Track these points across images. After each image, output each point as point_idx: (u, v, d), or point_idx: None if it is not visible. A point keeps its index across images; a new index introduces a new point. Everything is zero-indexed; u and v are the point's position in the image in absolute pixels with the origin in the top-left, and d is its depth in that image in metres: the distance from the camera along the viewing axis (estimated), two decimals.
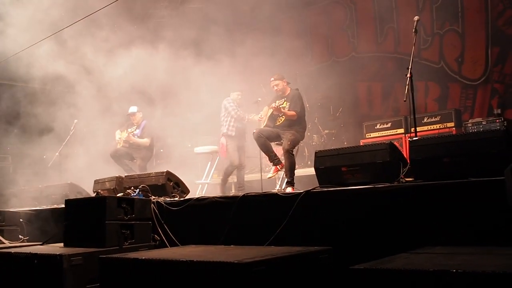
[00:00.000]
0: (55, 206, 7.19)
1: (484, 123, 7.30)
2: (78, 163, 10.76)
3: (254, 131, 6.50)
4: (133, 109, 8.78)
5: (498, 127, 7.08)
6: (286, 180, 6.32)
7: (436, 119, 7.78)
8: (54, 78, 10.39)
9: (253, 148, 8.66)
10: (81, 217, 4.63)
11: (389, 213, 3.72)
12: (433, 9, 9.15)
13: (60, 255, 3.75)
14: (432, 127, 7.75)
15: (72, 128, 9.23)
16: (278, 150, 7.08)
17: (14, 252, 4.20)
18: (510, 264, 2.17)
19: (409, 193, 3.70)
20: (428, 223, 3.50)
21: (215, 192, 9.48)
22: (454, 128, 7.55)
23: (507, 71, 8.17)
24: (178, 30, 10.11)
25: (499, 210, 3.07)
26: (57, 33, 8.97)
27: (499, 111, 7.62)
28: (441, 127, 7.66)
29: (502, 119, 7.27)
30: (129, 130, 8.68)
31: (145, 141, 8.63)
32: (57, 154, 9.11)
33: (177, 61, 9.81)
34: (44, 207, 7.42)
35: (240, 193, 6.98)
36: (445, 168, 3.84)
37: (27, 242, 5.97)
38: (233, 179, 9.65)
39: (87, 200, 5.45)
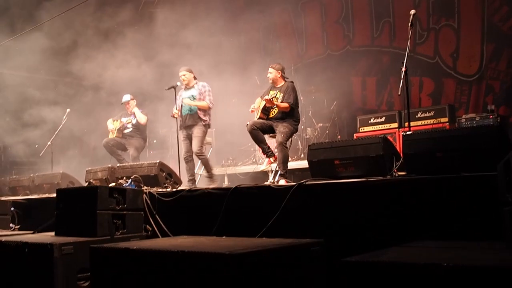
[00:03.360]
0: (47, 195, 7.17)
1: (477, 119, 7.31)
2: (70, 152, 10.75)
3: (248, 123, 6.48)
4: (126, 97, 8.70)
5: (492, 123, 7.10)
6: (279, 172, 6.31)
7: (430, 114, 7.78)
8: (47, 66, 10.38)
9: (247, 140, 8.66)
10: (72, 206, 4.60)
11: (381, 206, 3.72)
12: (430, 3, 9.13)
13: (51, 244, 3.73)
14: (425, 122, 7.75)
15: (64, 117, 9.16)
16: (272, 143, 7.07)
17: (4, 241, 4.18)
18: (501, 259, 2.18)
19: (402, 187, 3.70)
20: (420, 217, 3.51)
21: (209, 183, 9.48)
22: (447, 124, 7.55)
23: (501, 68, 8.18)
24: (173, 19, 10.08)
25: (491, 205, 3.07)
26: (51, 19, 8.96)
27: (493, 107, 7.63)
28: (434, 122, 7.66)
29: (496, 115, 7.28)
30: (123, 120, 8.60)
31: (143, 120, 8.52)
32: (49, 143, 9.04)
33: (169, 51, 9.81)
34: (36, 196, 7.39)
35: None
36: (438, 163, 3.85)
37: (18, 230, 5.95)
38: (226, 170, 9.66)
39: (78, 190, 5.43)
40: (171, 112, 7.55)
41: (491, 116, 7.24)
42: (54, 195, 5.06)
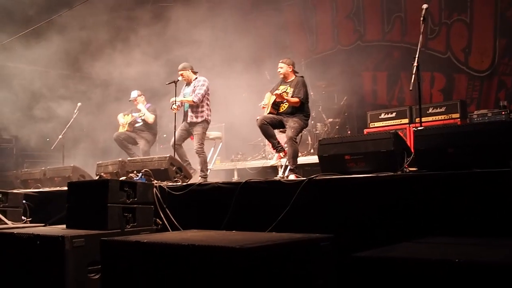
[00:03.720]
0: (58, 188, 7.23)
1: (489, 114, 7.24)
2: (81, 146, 10.82)
3: (258, 118, 6.47)
4: (134, 94, 8.73)
5: (504, 119, 7.03)
6: (289, 167, 6.30)
7: (441, 109, 7.72)
8: (57, 61, 10.45)
9: (256, 135, 8.66)
10: (83, 199, 4.64)
11: (391, 202, 3.70)
12: None
13: (62, 237, 3.76)
14: (437, 117, 7.69)
15: (75, 111, 9.20)
16: (282, 138, 7.07)
17: (16, 233, 4.21)
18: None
19: (412, 183, 3.68)
20: (430, 213, 3.49)
21: (218, 177, 9.49)
22: (459, 119, 7.49)
23: None
24: (185, 15, 10.10)
25: (503, 201, 3.05)
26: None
27: (505, 103, 7.55)
28: (446, 118, 7.60)
29: (508, 111, 7.21)
30: (134, 114, 8.65)
31: (150, 116, 8.53)
32: (60, 137, 9.10)
33: (180, 47, 9.82)
34: (47, 189, 7.46)
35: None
36: (449, 159, 3.82)
37: (30, 223, 6.00)
38: (236, 165, 9.66)
39: (89, 183, 5.47)
40: (170, 106, 7.64)
41: (503, 112, 7.17)
42: (65, 188, 5.10)
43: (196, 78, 7.50)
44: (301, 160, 7.72)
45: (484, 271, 1.90)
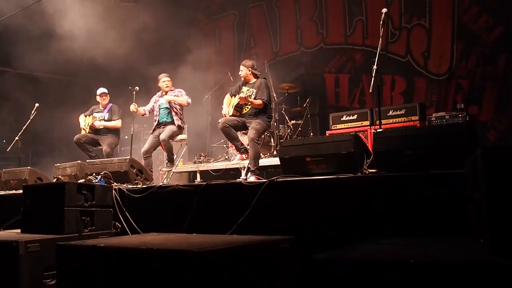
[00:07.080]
0: (14, 191, 7.01)
1: (447, 117, 7.42)
2: (39, 147, 10.53)
3: (219, 121, 6.45)
4: (104, 89, 8.52)
5: (460, 121, 7.22)
6: (250, 169, 6.30)
7: (401, 112, 7.84)
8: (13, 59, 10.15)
9: (219, 137, 8.63)
10: (39, 203, 4.50)
11: (351, 203, 3.74)
12: (401, 3, 9.22)
13: (16, 241, 3.64)
14: (396, 120, 7.82)
15: (33, 111, 8.92)
16: (245, 140, 7.06)
17: None
18: (467, 256, 2.20)
19: (372, 184, 3.73)
20: (389, 213, 3.53)
21: (181, 179, 9.42)
22: (418, 122, 7.63)
23: (471, 67, 8.32)
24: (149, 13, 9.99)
25: (458, 202, 3.11)
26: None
27: (462, 106, 7.75)
28: (405, 120, 7.73)
29: (465, 114, 7.41)
30: (95, 115, 8.40)
31: (117, 122, 8.34)
32: (17, 138, 8.80)
33: (143, 46, 9.69)
34: (2, 192, 7.23)
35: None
36: (408, 160, 3.88)
37: None
38: (198, 167, 9.60)
39: (46, 186, 5.33)
40: (133, 108, 7.70)
41: (460, 115, 7.35)
42: (21, 191, 4.95)
43: (173, 89, 7.83)
44: (264, 162, 7.73)
45: (439, 271, 1.92)
